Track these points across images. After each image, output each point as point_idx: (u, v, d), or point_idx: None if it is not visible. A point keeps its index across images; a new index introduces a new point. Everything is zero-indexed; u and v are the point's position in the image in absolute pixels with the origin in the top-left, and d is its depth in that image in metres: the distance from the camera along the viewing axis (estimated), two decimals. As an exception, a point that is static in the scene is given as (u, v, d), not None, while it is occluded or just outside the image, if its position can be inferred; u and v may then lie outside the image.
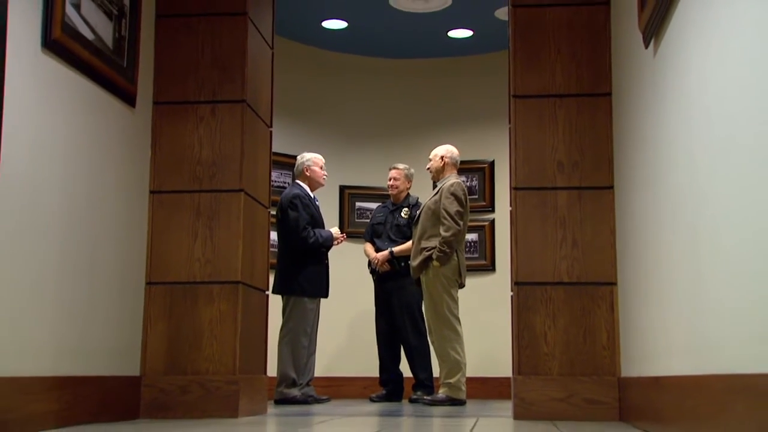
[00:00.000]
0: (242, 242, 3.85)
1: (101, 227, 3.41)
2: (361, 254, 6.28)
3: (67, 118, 3.14)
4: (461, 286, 5.29)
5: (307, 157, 5.79)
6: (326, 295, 5.65)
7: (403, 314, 5.91)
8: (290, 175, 6.45)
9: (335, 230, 5.72)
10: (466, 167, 6.63)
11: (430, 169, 5.57)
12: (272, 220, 4.77)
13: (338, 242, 5.70)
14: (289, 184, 6.25)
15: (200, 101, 3.95)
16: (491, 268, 7.22)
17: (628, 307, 3.50)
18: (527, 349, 3.73)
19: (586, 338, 3.71)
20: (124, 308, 3.63)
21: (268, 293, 4.29)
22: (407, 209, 6.13)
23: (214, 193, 3.88)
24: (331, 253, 5.73)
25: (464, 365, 5.20)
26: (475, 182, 7.33)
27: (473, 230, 7.04)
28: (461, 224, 5.20)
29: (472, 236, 7.11)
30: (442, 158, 5.49)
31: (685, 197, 2.43)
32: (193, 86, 3.96)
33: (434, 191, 5.45)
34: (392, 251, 5.96)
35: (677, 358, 2.53)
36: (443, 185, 5.34)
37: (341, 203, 7.38)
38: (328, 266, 5.69)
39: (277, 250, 5.68)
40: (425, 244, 5.26)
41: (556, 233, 3.80)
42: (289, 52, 6.87)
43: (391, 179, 6.18)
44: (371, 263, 6.09)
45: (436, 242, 5.18)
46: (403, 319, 5.91)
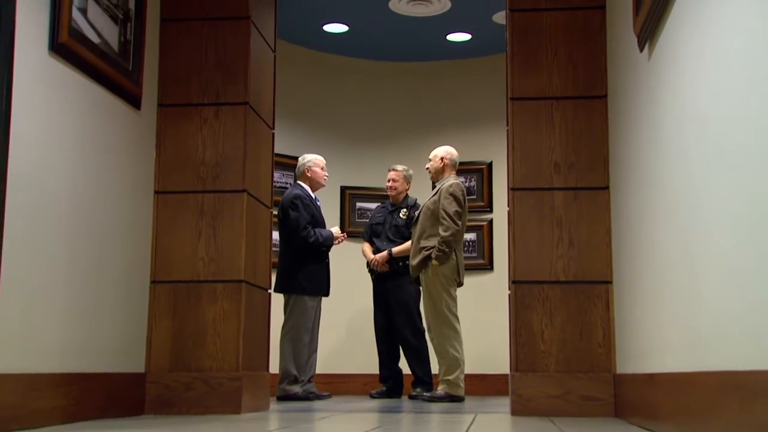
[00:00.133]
0: (245, 242, 3.89)
1: (107, 227, 3.45)
2: (361, 253, 6.33)
3: (74, 120, 3.17)
4: (460, 284, 5.33)
5: (308, 158, 5.82)
6: (327, 293, 5.70)
7: (400, 312, 5.94)
8: (292, 176, 6.48)
9: (336, 230, 5.75)
10: (464, 168, 6.68)
11: (429, 169, 5.60)
12: (274, 220, 4.81)
13: (339, 242, 5.73)
14: (290, 184, 6.27)
15: (204, 103, 3.98)
16: (489, 267, 7.26)
17: (623, 305, 3.52)
18: (524, 346, 3.76)
19: (582, 336, 3.74)
20: (129, 306, 3.67)
21: (270, 292, 4.32)
22: (406, 210, 6.16)
23: (217, 193, 3.92)
24: (331, 252, 5.77)
25: (463, 362, 5.24)
26: (473, 183, 7.36)
27: (472, 230, 7.07)
28: (460, 224, 5.24)
29: (470, 236, 7.14)
30: (441, 159, 5.53)
31: (679, 197, 2.44)
32: (196, 88, 3.99)
33: (433, 192, 5.48)
34: (391, 252, 6.01)
35: (671, 355, 2.54)
36: (442, 186, 5.37)
37: (342, 203, 7.42)
38: (328, 265, 5.73)
39: (278, 249, 5.73)
40: (424, 243, 5.30)
41: (552, 233, 3.83)
42: (291, 55, 6.91)
43: (390, 180, 6.21)
44: (369, 264, 6.15)
45: (435, 242, 5.22)
46: (400, 317, 5.94)
